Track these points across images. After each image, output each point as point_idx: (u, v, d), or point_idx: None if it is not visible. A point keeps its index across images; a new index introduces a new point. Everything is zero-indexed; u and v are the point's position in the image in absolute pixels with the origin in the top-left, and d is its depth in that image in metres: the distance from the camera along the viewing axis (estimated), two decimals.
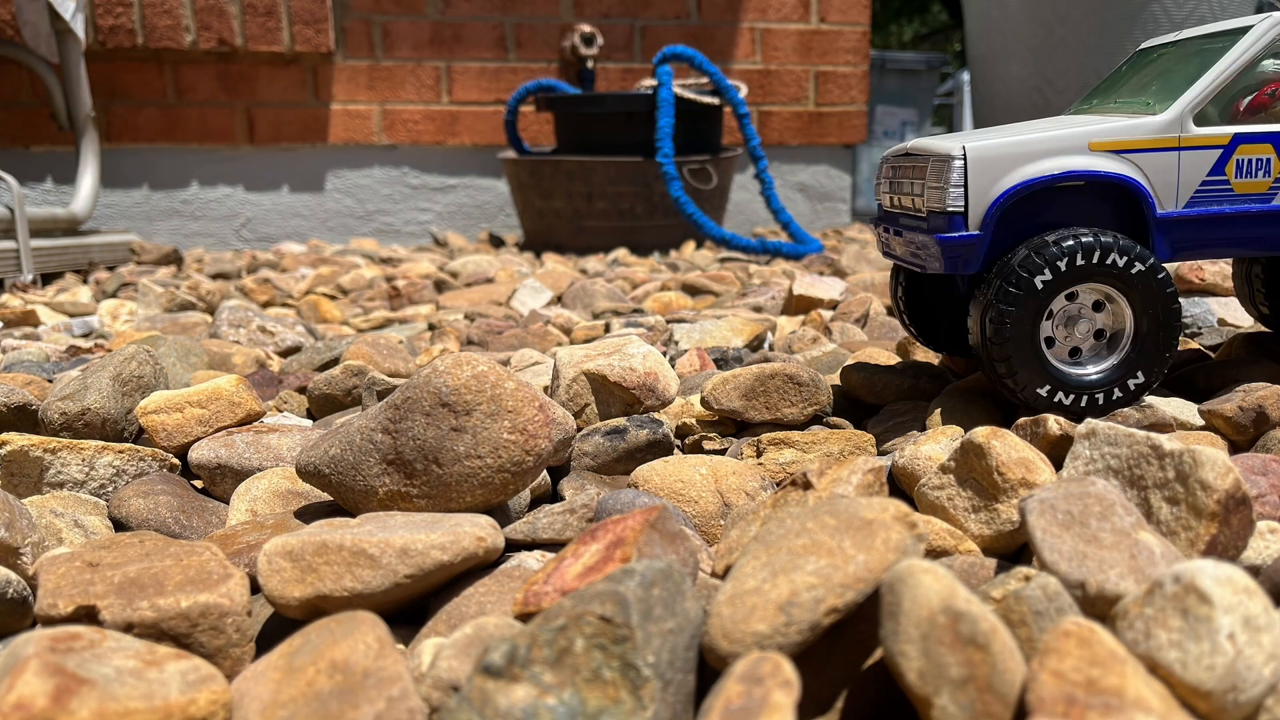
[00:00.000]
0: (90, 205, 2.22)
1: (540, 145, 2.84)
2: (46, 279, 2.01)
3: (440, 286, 1.78)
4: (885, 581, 0.39)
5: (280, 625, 0.52)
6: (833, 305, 1.37)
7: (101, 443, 0.71)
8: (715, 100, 2.47)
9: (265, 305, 1.67)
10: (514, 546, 0.59)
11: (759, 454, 0.73)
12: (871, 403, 0.86)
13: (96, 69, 2.53)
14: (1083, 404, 0.70)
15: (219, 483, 0.71)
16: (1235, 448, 0.68)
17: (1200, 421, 0.71)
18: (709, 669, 0.40)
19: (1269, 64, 0.70)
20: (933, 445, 0.66)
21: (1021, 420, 0.68)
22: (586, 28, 2.72)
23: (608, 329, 1.27)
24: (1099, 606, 0.42)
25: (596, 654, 0.37)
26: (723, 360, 1.03)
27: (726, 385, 0.80)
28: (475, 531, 0.52)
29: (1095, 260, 0.67)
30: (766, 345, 1.20)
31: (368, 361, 1.04)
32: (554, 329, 1.28)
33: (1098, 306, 0.70)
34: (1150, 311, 0.69)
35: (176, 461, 0.74)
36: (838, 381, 0.92)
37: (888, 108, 4.49)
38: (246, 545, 0.58)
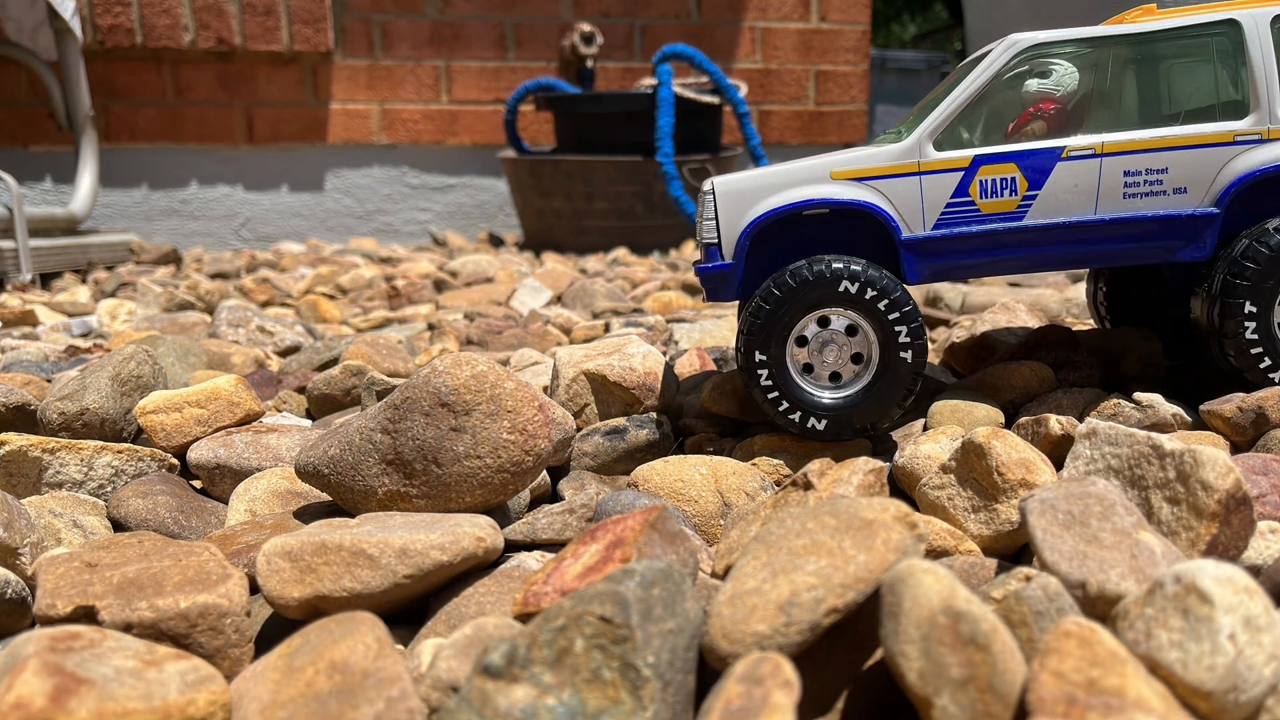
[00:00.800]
0: (89, 205, 2.22)
1: (540, 145, 2.83)
2: (45, 279, 2.01)
3: (440, 286, 1.78)
4: (886, 582, 0.39)
5: (280, 626, 0.52)
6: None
7: (100, 443, 0.71)
8: (715, 99, 2.47)
9: (264, 305, 1.67)
10: (514, 547, 0.59)
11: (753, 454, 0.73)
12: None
13: (95, 68, 2.53)
14: (820, 426, 0.70)
15: (218, 483, 0.71)
16: (1235, 448, 0.68)
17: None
18: (709, 669, 0.40)
19: (1033, 84, 0.72)
20: (933, 444, 0.66)
21: (1023, 420, 0.68)
22: (586, 27, 2.72)
23: (607, 329, 1.27)
24: (1099, 607, 0.42)
25: (596, 654, 0.37)
26: (723, 360, 1.03)
27: (725, 387, 0.80)
28: (475, 532, 0.51)
29: (835, 288, 0.68)
30: None
31: (367, 361, 1.03)
32: (554, 329, 1.27)
33: (851, 331, 0.70)
34: (886, 337, 0.69)
35: (175, 461, 0.73)
36: None
37: (888, 107, 4.49)
38: (245, 545, 0.58)
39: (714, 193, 0.71)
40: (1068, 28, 0.72)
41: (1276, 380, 0.70)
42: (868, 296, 0.68)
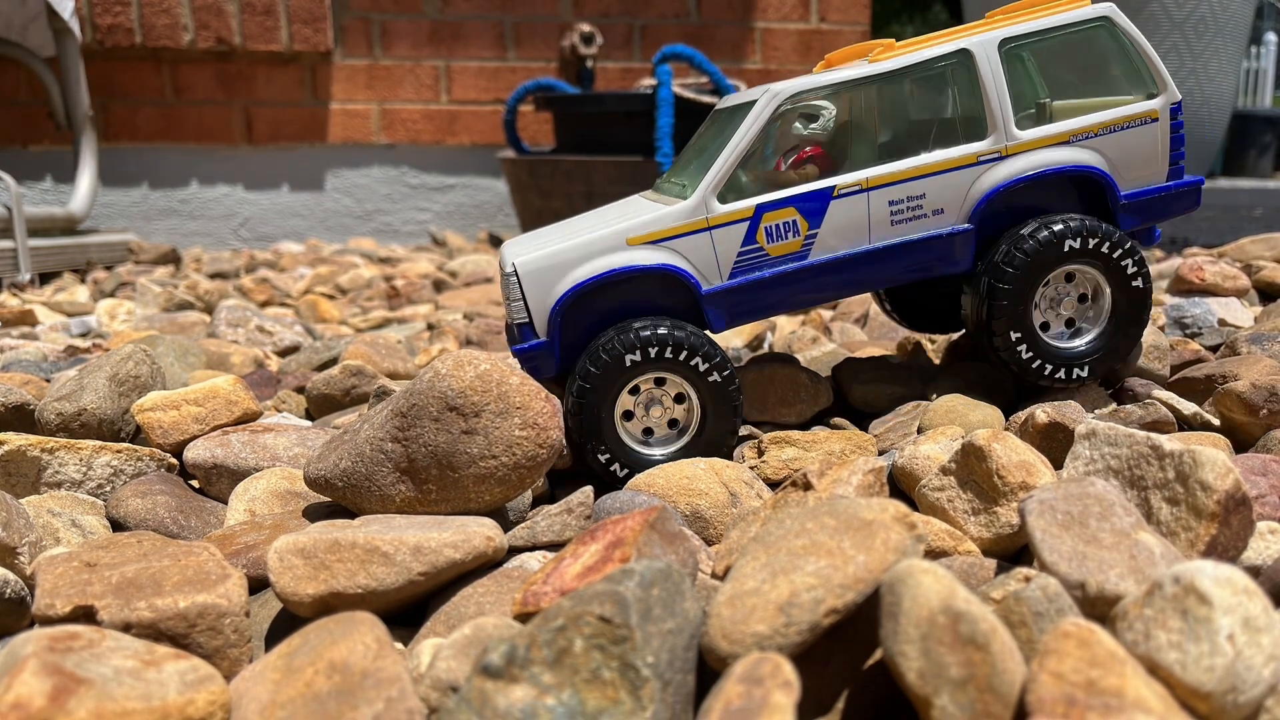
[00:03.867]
0: (88, 204, 2.22)
1: (539, 145, 2.83)
2: (44, 278, 2.01)
3: (439, 286, 1.78)
4: (885, 582, 0.39)
5: (285, 625, 0.52)
6: (832, 305, 1.37)
7: (99, 443, 0.71)
8: (715, 100, 2.47)
9: (263, 305, 1.67)
10: (514, 551, 0.59)
11: (760, 453, 0.73)
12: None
13: (95, 68, 2.53)
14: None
15: (214, 482, 0.71)
16: (1241, 445, 0.68)
17: (1213, 422, 0.71)
18: (709, 669, 0.40)
19: (799, 126, 0.75)
20: (932, 445, 0.66)
21: (1015, 415, 0.69)
22: (586, 27, 2.72)
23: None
24: (1099, 607, 0.42)
25: (596, 654, 0.37)
26: None
27: None
28: (484, 531, 0.52)
29: (667, 354, 0.70)
30: (766, 345, 1.20)
31: (366, 361, 1.03)
32: None
33: (680, 398, 0.73)
34: (707, 397, 0.72)
35: (174, 461, 0.73)
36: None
37: None
38: (245, 545, 0.57)
39: (517, 275, 0.72)
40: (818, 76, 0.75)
41: (1047, 375, 0.74)
42: (681, 358, 0.71)
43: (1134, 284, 0.74)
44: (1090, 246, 0.73)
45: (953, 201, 0.74)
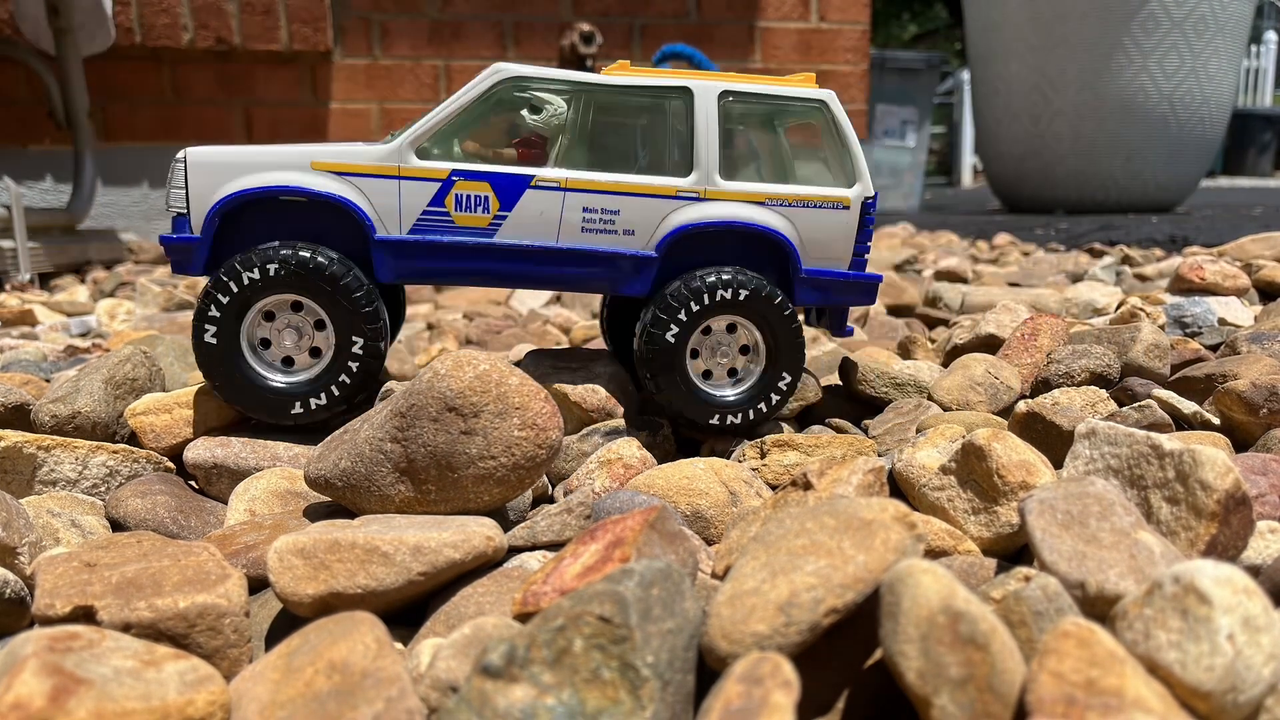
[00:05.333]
0: (88, 204, 2.22)
1: None
2: (44, 278, 2.01)
3: (439, 285, 1.78)
4: (885, 582, 0.39)
5: (285, 625, 0.52)
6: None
7: (95, 442, 0.71)
8: None
9: None
10: (514, 551, 0.59)
11: (762, 455, 0.73)
12: None
13: (94, 67, 2.53)
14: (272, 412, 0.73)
15: (214, 482, 0.71)
16: (1241, 444, 0.68)
17: (1213, 419, 0.71)
18: (708, 669, 0.40)
19: (526, 117, 0.77)
20: (930, 450, 0.65)
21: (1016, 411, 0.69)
22: (586, 26, 2.71)
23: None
24: (1099, 606, 0.42)
25: (595, 654, 0.37)
26: None
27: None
28: (484, 531, 0.52)
29: (302, 268, 0.71)
30: None
31: None
32: (553, 329, 1.27)
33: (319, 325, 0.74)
34: (345, 326, 0.73)
35: (171, 465, 0.73)
36: (836, 381, 0.92)
37: (888, 106, 4.49)
38: (245, 545, 0.57)
39: (185, 162, 0.72)
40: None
41: (700, 418, 0.76)
42: (337, 285, 0.71)
43: (784, 337, 0.76)
44: (742, 298, 0.75)
45: (645, 226, 0.76)
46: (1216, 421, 0.72)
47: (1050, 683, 0.35)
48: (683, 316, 0.74)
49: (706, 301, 0.74)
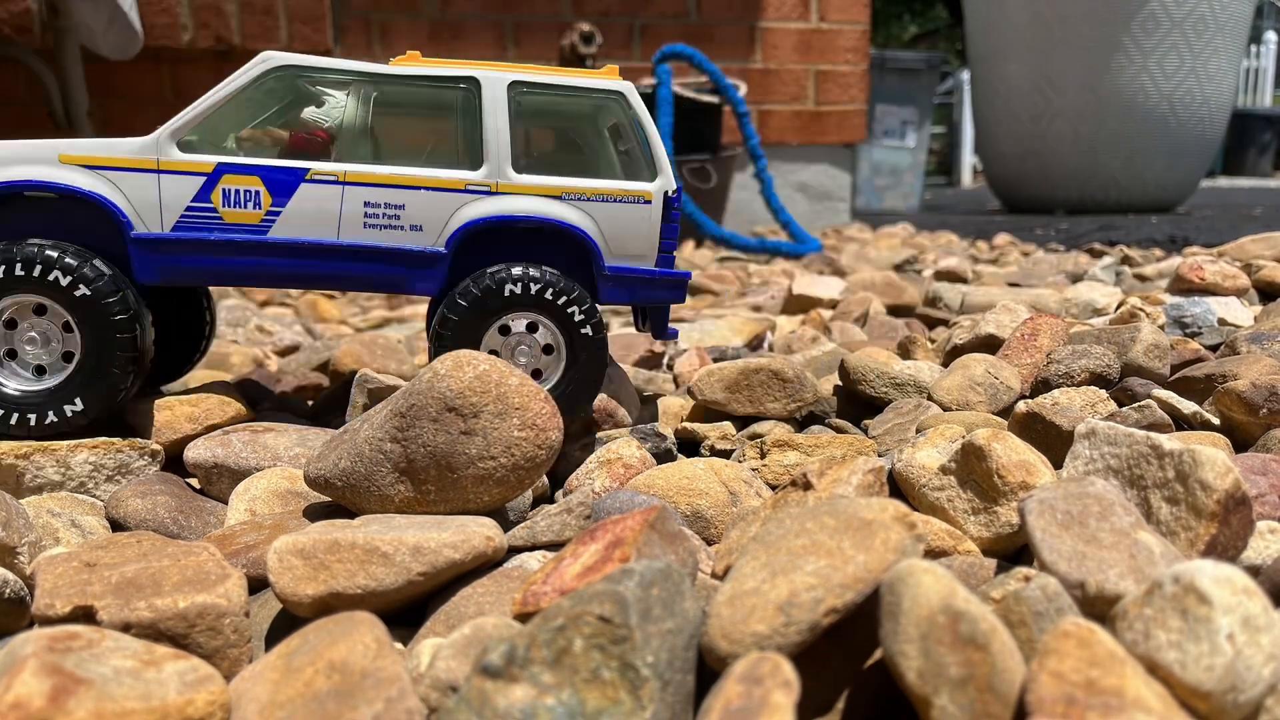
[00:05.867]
0: None
1: None
2: None
3: None
4: (885, 582, 0.39)
5: (285, 625, 0.52)
6: (832, 305, 1.37)
7: (73, 441, 0.70)
8: (715, 99, 2.47)
9: (263, 305, 1.67)
10: (514, 551, 0.59)
11: (762, 455, 0.73)
12: None
13: (94, 67, 2.53)
14: (12, 422, 0.69)
15: (215, 482, 0.71)
16: (1240, 444, 0.68)
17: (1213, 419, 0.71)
18: (708, 669, 0.40)
19: (309, 112, 0.74)
20: (930, 450, 0.65)
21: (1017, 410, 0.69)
22: (586, 26, 2.71)
23: (606, 328, 1.27)
24: (1098, 607, 0.42)
25: (595, 654, 0.37)
26: (722, 359, 1.03)
27: (711, 378, 0.83)
28: (484, 531, 0.52)
29: (26, 272, 0.67)
30: (766, 344, 1.20)
31: (357, 362, 1.03)
32: None
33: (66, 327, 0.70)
34: (92, 332, 0.69)
35: (158, 447, 0.72)
36: (838, 381, 0.92)
37: (887, 107, 4.49)
38: (245, 545, 0.57)
39: None
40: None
41: None
42: (63, 285, 0.67)
43: (583, 331, 0.74)
44: (533, 293, 0.72)
45: (433, 222, 0.73)
46: (1216, 422, 0.72)
47: (1050, 683, 0.35)
48: (471, 316, 0.72)
49: (496, 299, 0.71)
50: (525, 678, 0.37)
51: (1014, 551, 0.57)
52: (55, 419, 0.70)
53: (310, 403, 0.94)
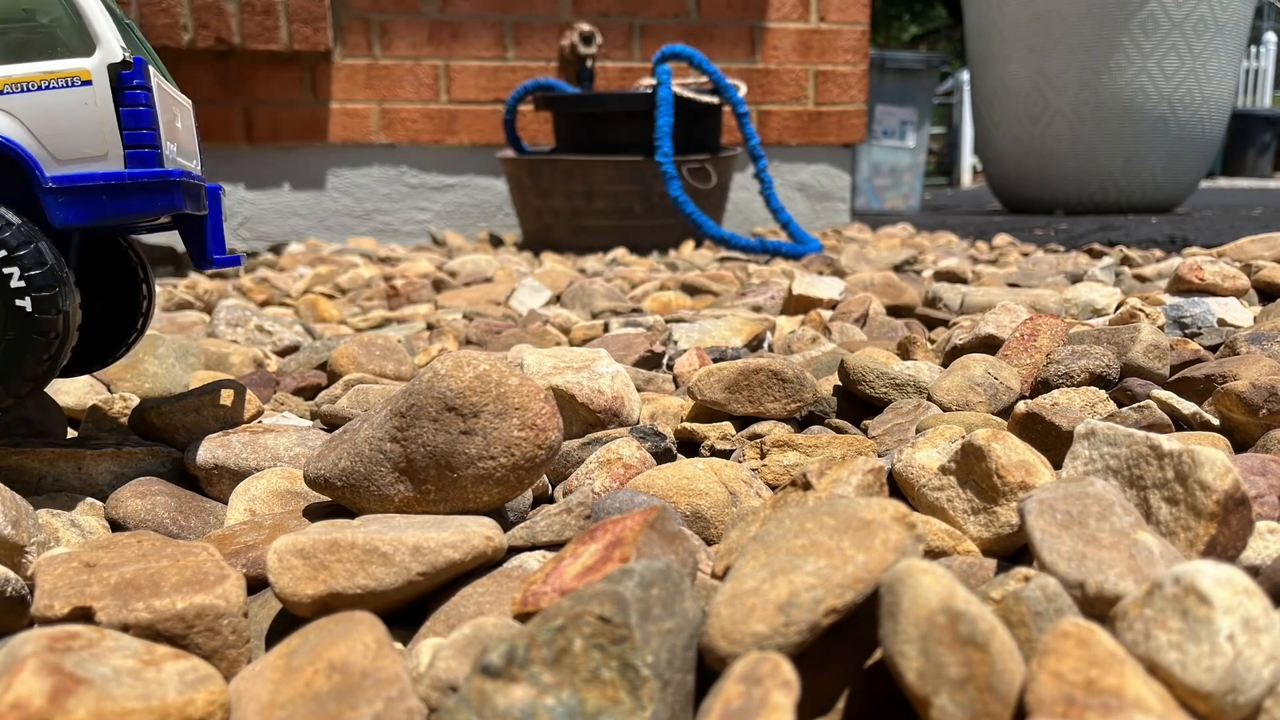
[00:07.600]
0: None
1: (539, 144, 2.83)
2: None
3: (439, 286, 1.78)
4: (884, 582, 0.39)
5: (285, 625, 0.52)
6: (832, 305, 1.37)
7: (96, 450, 0.70)
8: (714, 99, 2.47)
9: (263, 305, 1.67)
10: (514, 551, 0.59)
11: (762, 455, 0.73)
12: None
13: None
14: None
15: (215, 483, 0.71)
16: (1240, 445, 0.68)
17: (1211, 418, 0.71)
18: (708, 669, 0.40)
19: None
20: (929, 451, 0.65)
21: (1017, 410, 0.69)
22: (585, 26, 2.71)
23: (606, 329, 1.27)
24: (1098, 607, 0.42)
25: (595, 654, 0.37)
26: (722, 359, 1.03)
27: (711, 378, 0.83)
28: (484, 531, 0.52)
29: None
30: (766, 345, 1.20)
31: (353, 363, 1.03)
32: (553, 328, 1.27)
33: None
34: None
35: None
36: (838, 381, 0.92)
37: (887, 107, 4.49)
38: (244, 546, 0.57)
39: None
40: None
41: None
42: None
43: (17, 303, 0.57)
44: None
45: None
46: (1216, 422, 0.72)
47: (1050, 683, 0.35)
48: None
49: None
50: (525, 678, 0.37)
51: (1014, 551, 0.57)
52: None
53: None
